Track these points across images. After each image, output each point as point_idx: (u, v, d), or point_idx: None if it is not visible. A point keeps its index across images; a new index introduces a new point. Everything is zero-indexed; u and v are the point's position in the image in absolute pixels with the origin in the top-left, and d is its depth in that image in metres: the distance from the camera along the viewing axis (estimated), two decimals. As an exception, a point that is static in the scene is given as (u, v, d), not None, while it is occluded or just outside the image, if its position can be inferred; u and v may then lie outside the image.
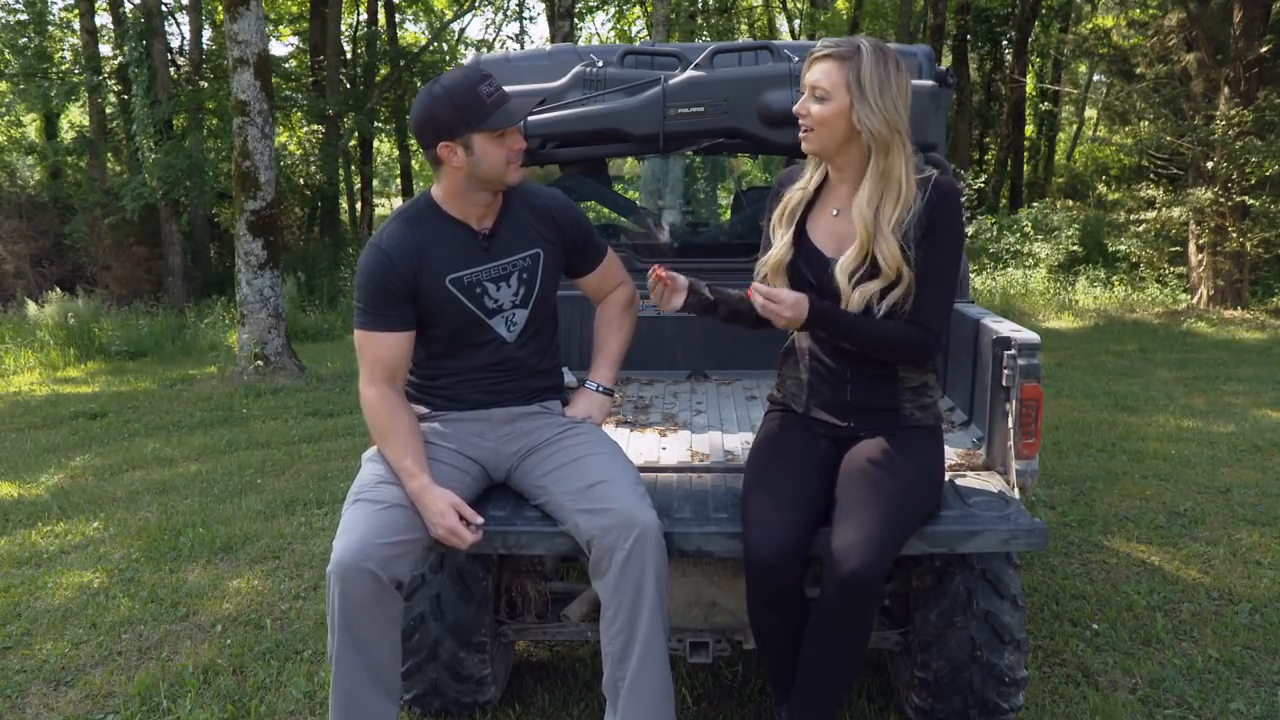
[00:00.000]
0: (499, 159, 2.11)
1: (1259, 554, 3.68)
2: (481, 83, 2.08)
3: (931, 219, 2.04)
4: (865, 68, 1.97)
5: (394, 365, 2.18)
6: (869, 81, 1.97)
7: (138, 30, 13.84)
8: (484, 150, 2.09)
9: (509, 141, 2.12)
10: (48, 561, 3.88)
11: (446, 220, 2.21)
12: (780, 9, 23.94)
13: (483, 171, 2.12)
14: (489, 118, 2.07)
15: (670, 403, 3.17)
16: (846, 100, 1.99)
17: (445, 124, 2.07)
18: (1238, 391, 6.81)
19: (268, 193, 7.96)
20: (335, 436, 5.94)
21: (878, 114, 1.98)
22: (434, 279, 2.17)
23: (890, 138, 2.00)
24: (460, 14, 22.51)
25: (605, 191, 4.30)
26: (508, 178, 2.16)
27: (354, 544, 1.98)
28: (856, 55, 1.98)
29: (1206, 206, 10.86)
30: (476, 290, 2.21)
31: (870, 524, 1.95)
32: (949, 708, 2.34)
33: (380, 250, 2.17)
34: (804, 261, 2.15)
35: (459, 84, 2.08)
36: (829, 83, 2.00)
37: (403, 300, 2.16)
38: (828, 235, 2.15)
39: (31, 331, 10.11)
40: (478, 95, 2.07)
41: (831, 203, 2.16)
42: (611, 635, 2.08)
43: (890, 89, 1.98)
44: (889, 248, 2.01)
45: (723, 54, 3.15)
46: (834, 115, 2.01)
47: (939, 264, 2.06)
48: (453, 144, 2.08)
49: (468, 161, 2.10)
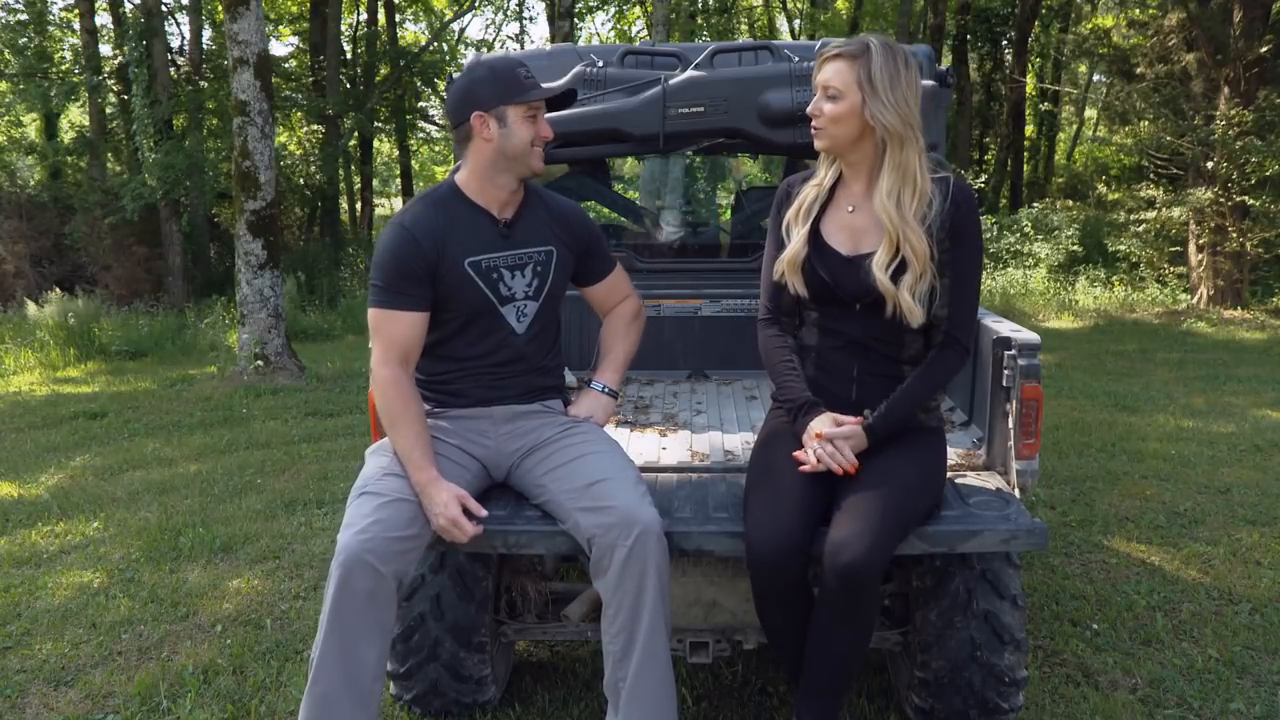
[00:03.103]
0: (526, 137, 2.19)
1: (1259, 554, 3.68)
2: (520, 66, 2.22)
3: (955, 224, 2.08)
4: (875, 65, 2.02)
5: (409, 346, 2.19)
6: (880, 78, 2.01)
7: (138, 30, 13.84)
8: (515, 125, 2.18)
9: (539, 127, 2.21)
10: (47, 561, 3.88)
11: (469, 205, 2.26)
12: (780, 9, 23.95)
13: (511, 147, 2.18)
14: (525, 92, 2.17)
15: (670, 403, 3.17)
16: (859, 98, 2.03)
17: (484, 95, 2.17)
18: (1238, 391, 6.81)
19: (268, 193, 7.95)
20: (335, 436, 5.94)
21: (890, 109, 2.01)
22: (454, 261, 2.21)
23: (904, 132, 2.03)
24: (460, 14, 22.50)
25: (605, 191, 4.30)
26: (532, 161, 2.22)
27: (356, 537, 1.98)
28: (866, 53, 2.03)
29: (1206, 206, 10.86)
30: (493, 276, 2.24)
31: (868, 518, 1.96)
32: (949, 708, 2.34)
33: (404, 229, 2.20)
34: (819, 259, 2.16)
35: (502, 63, 2.22)
36: (840, 81, 2.04)
37: (422, 280, 2.19)
38: (843, 232, 2.17)
39: (31, 331, 10.11)
40: (516, 74, 2.19)
41: (845, 200, 2.18)
42: (613, 634, 2.08)
43: (901, 84, 2.02)
44: (916, 240, 2.04)
45: (723, 54, 3.15)
46: (847, 113, 2.05)
47: (968, 274, 2.12)
48: (487, 115, 2.17)
49: (499, 134, 2.17)
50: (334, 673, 1.99)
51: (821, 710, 2.11)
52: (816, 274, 2.16)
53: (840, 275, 2.13)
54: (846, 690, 2.15)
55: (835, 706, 2.12)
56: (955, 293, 2.11)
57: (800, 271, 2.17)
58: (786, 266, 2.18)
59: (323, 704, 2.00)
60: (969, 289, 2.13)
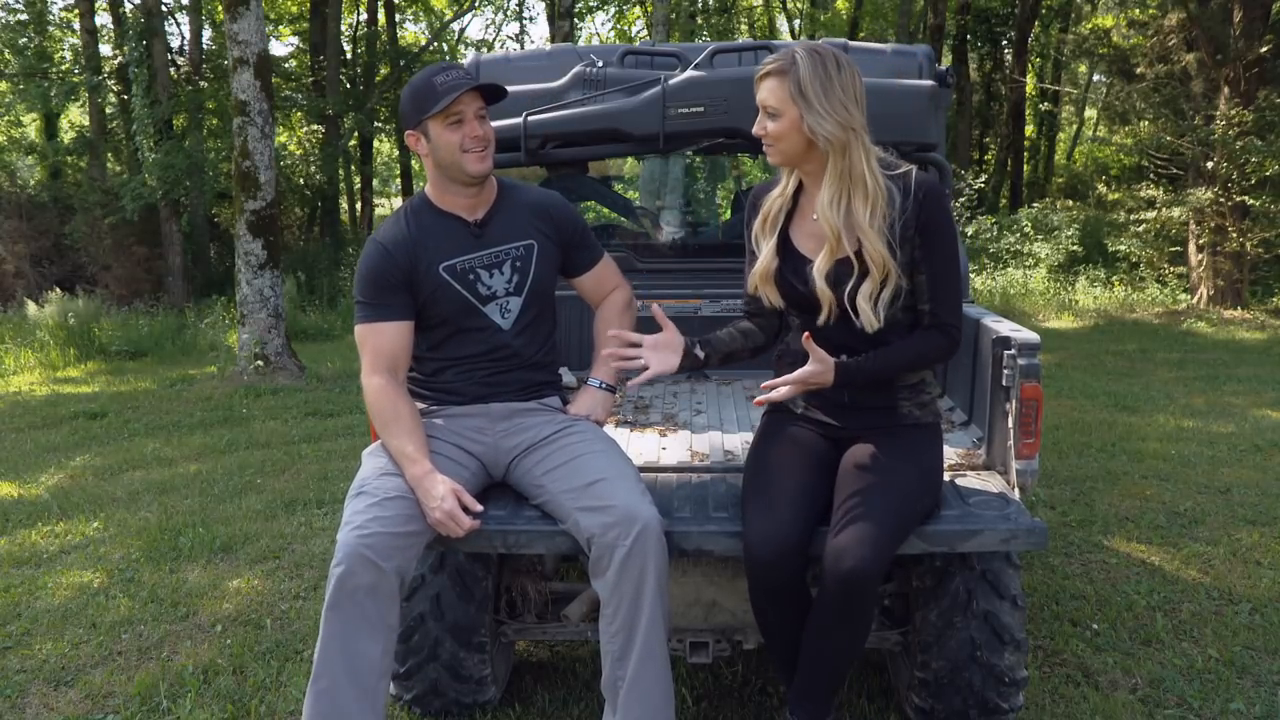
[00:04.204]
0: (452, 144, 2.16)
1: (1259, 554, 3.68)
2: (439, 73, 2.17)
3: (923, 219, 2.07)
4: (804, 76, 1.99)
5: (395, 355, 2.22)
6: (810, 88, 1.99)
7: (138, 30, 13.84)
8: (438, 136, 2.17)
9: (465, 129, 2.16)
10: (47, 561, 3.88)
11: (439, 214, 2.29)
12: (780, 9, 23.95)
13: (441, 159, 2.19)
14: (438, 101, 2.14)
15: (670, 403, 3.17)
16: (796, 112, 2.01)
17: (407, 114, 2.20)
18: (1238, 391, 6.81)
19: (268, 193, 7.95)
20: (335, 436, 5.94)
21: (827, 118, 1.99)
22: (429, 268, 2.23)
23: (845, 137, 2.01)
24: (460, 14, 22.52)
25: (604, 191, 4.30)
26: (466, 165, 2.18)
27: (356, 533, 1.99)
28: (793, 66, 2.00)
29: (1206, 206, 10.86)
30: (469, 277, 2.26)
31: (868, 522, 1.96)
32: (949, 708, 2.34)
33: (377, 244, 2.26)
34: (790, 269, 2.17)
35: (419, 77, 2.19)
36: (775, 99, 2.03)
37: (400, 289, 2.22)
38: (811, 240, 2.16)
39: (31, 331, 10.11)
40: (431, 84, 2.16)
41: (809, 208, 2.18)
42: (611, 633, 2.08)
43: (835, 90, 1.99)
44: (872, 246, 2.03)
45: (723, 54, 3.15)
46: (788, 129, 2.04)
47: (943, 260, 2.10)
48: (415, 133, 2.20)
49: (431, 149, 2.20)
50: (336, 668, 1.99)
51: (816, 709, 2.12)
52: (789, 283, 2.16)
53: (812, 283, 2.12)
54: (839, 689, 2.16)
55: (829, 705, 2.14)
56: (935, 286, 2.09)
57: (773, 283, 2.18)
58: (759, 279, 2.19)
59: (325, 699, 2.00)
60: (950, 279, 2.11)
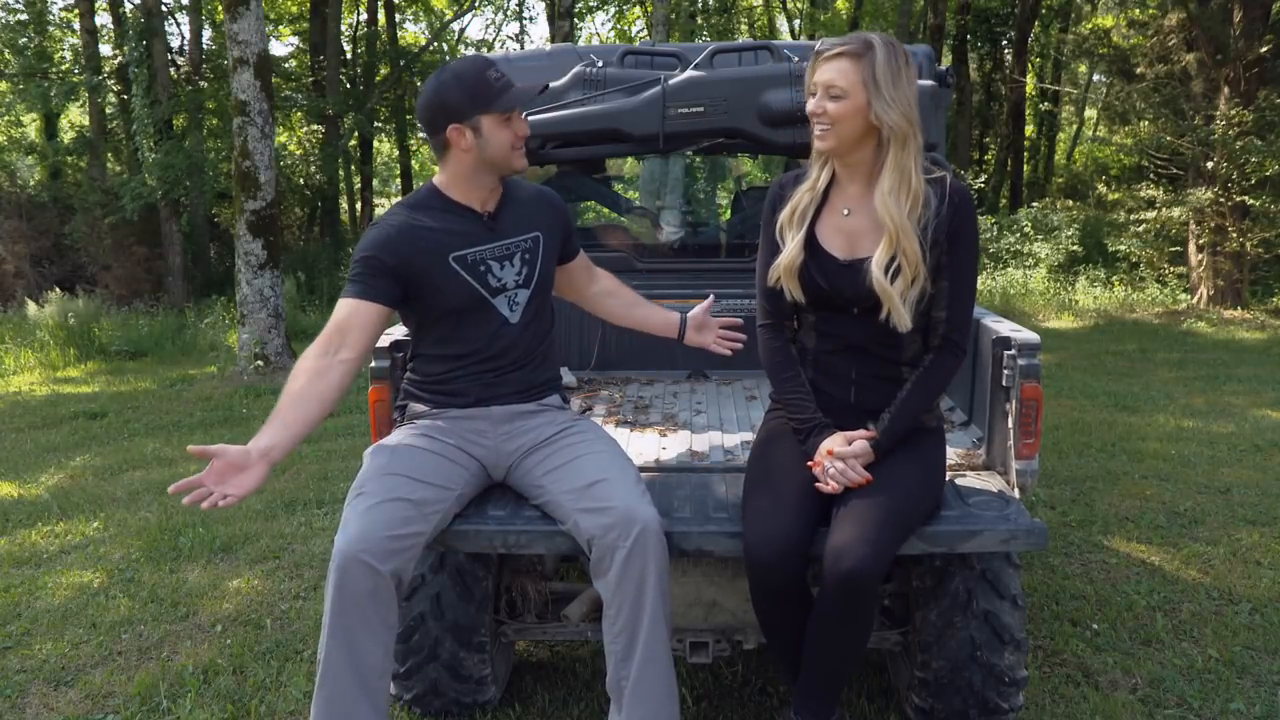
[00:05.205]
0: (505, 142, 2.18)
1: (1259, 554, 3.68)
2: (488, 68, 2.17)
3: (954, 227, 2.06)
4: (879, 63, 1.99)
5: (346, 331, 2.13)
6: (884, 76, 1.99)
7: (138, 30, 13.83)
8: (491, 132, 2.16)
9: (515, 126, 2.19)
10: (47, 561, 3.88)
11: (451, 204, 2.27)
12: (780, 9, 23.94)
13: (490, 154, 2.18)
14: (497, 100, 2.15)
15: (670, 403, 3.17)
16: (864, 97, 2.00)
17: (455, 107, 2.14)
18: (1238, 391, 6.81)
19: (268, 193, 7.96)
20: (335, 436, 5.94)
21: (895, 107, 1.99)
22: (435, 258, 2.20)
23: (907, 130, 2.02)
24: (460, 14, 22.50)
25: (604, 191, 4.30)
26: (513, 162, 2.22)
27: (352, 537, 1.98)
28: (870, 51, 2.00)
29: (1206, 206, 10.86)
30: (480, 269, 2.24)
31: (869, 522, 1.96)
32: (949, 708, 2.34)
33: (379, 227, 2.23)
34: (815, 265, 2.14)
35: (468, 69, 2.17)
36: (845, 81, 2.00)
37: (388, 274, 2.17)
38: (839, 236, 2.14)
39: (31, 331, 10.11)
40: (486, 79, 2.15)
41: (840, 203, 2.16)
42: (614, 634, 2.09)
43: (903, 82, 2.00)
44: (909, 244, 2.02)
45: (723, 54, 3.15)
46: (852, 112, 2.02)
47: (967, 276, 2.11)
48: (462, 127, 2.15)
49: (476, 144, 2.17)
50: (341, 673, 1.99)
51: (819, 709, 2.12)
52: (813, 279, 2.13)
53: (837, 280, 2.11)
54: (842, 688, 2.16)
55: (832, 704, 2.14)
56: (954, 296, 2.10)
57: (797, 278, 2.14)
58: (784, 273, 2.15)
59: (333, 704, 2.00)
60: (967, 292, 2.12)
